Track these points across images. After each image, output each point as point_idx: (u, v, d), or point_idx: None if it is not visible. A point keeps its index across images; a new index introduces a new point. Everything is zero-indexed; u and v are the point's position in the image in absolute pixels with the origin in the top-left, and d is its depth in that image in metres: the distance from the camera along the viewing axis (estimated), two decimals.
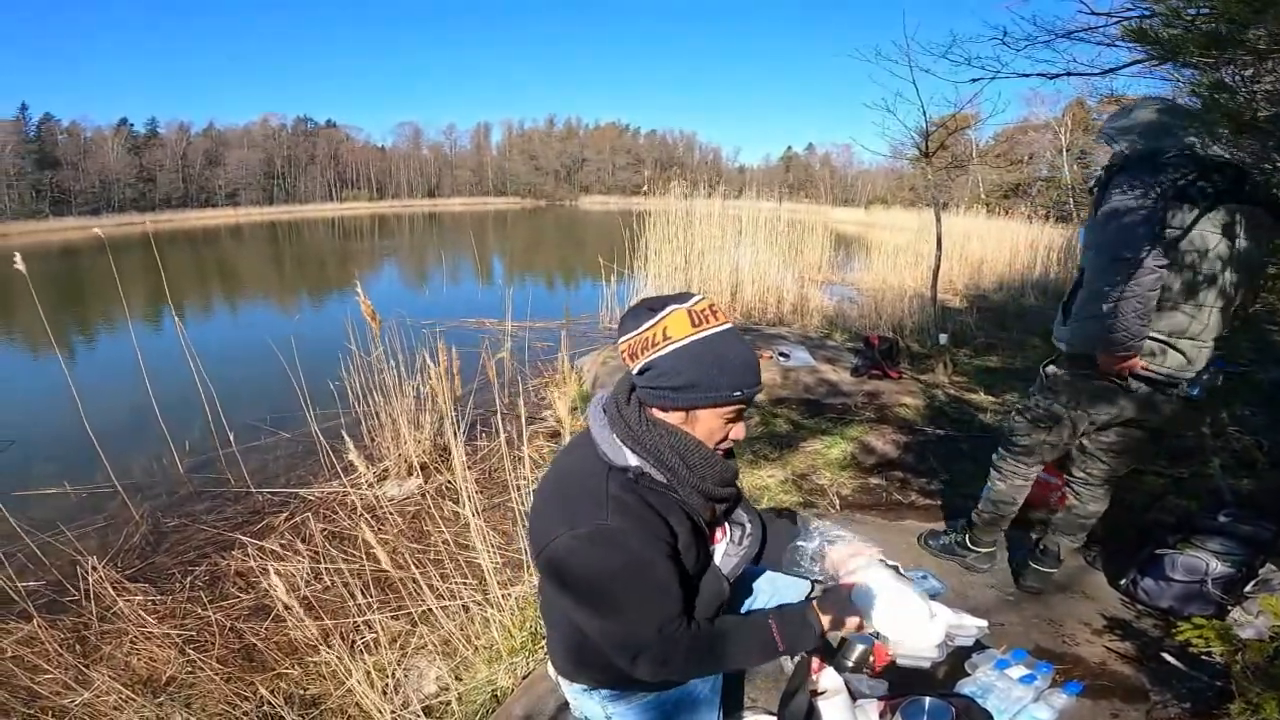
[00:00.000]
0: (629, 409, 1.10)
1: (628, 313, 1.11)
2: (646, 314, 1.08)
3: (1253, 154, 1.74)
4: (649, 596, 1.06)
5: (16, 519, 3.19)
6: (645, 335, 1.06)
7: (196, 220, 47.85)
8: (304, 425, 4.11)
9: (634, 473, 1.08)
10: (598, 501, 1.04)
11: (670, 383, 1.05)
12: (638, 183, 53.67)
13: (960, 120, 6.92)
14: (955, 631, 1.93)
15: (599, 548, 1.02)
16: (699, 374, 1.04)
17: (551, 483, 1.16)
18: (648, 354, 1.06)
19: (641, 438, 1.08)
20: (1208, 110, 1.60)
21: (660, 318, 1.06)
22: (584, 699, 1.33)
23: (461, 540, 2.68)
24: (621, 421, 1.10)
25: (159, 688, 2.45)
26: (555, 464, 1.23)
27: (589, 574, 1.04)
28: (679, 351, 1.04)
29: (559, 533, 1.04)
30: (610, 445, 1.10)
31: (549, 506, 1.12)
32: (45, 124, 57.95)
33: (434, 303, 10.35)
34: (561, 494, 1.12)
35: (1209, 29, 1.47)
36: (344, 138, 76.18)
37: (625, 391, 1.14)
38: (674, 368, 1.04)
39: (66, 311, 11.16)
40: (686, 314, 1.06)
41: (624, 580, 1.04)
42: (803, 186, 63.23)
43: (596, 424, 1.13)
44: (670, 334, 1.04)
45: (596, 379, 5.16)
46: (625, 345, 1.09)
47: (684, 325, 1.05)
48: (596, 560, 1.03)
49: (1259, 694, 1.39)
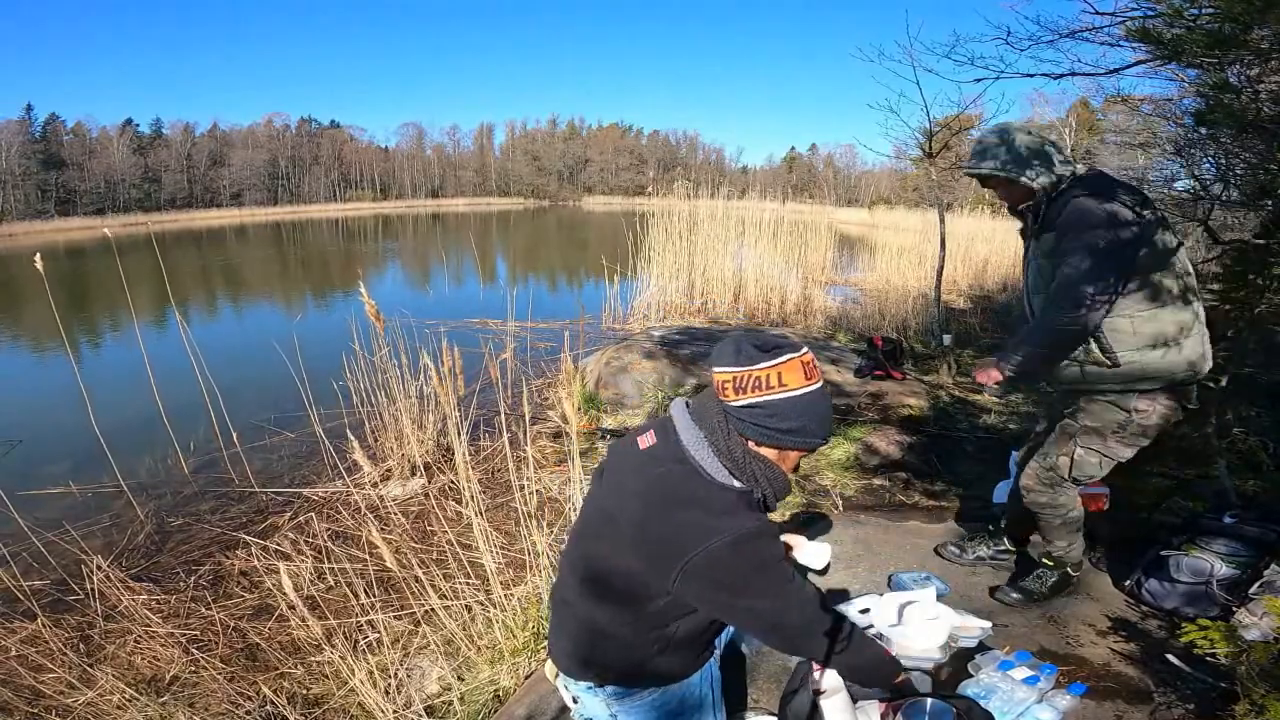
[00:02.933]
0: (731, 439, 1.20)
1: (730, 345, 1.20)
2: (757, 353, 1.16)
3: (1257, 154, 1.74)
4: (798, 581, 1.24)
5: (23, 518, 3.20)
6: (758, 375, 1.16)
7: (201, 220, 48.00)
8: (308, 425, 4.12)
9: (742, 491, 1.21)
10: (731, 511, 1.16)
11: (780, 425, 1.17)
12: (641, 183, 53.73)
13: (964, 120, 6.89)
14: (959, 633, 1.94)
15: (754, 544, 1.16)
16: (804, 422, 1.18)
17: (660, 497, 1.20)
18: (759, 394, 1.16)
19: (744, 467, 1.20)
20: (1211, 110, 1.60)
21: (776, 363, 1.16)
22: (589, 697, 1.35)
23: (464, 540, 2.69)
24: (727, 452, 1.20)
25: (162, 687, 2.45)
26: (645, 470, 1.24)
27: (754, 567, 1.16)
28: (794, 400, 1.16)
29: (710, 541, 1.13)
30: (716, 470, 1.20)
31: (673, 521, 1.17)
32: (50, 124, 58.28)
33: (437, 303, 10.36)
34: (683, 508, 1.18)
35: (1213, 29, 1.47)
36: (348, 138, 76.44)
37: (720, 419, 1.21)
38: (786, 412, 1.16)
39: (73, 311, 11.21)
40: (800, 365, 1.17)
41: (779, 568, 1.20)
42: (806, 187, 63.17)
43: (696, 447, 1.21)
44: (786, 381, 1.16)
45: (600, 379, 5.16)
46: (729, 377, 1.17)
47: (799, 376, 1.16)
48: (756, 555, 1.17)
49: (1264, 695, 1.38)
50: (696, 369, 5.14)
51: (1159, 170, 7.54)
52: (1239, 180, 2.97)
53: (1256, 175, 2.46)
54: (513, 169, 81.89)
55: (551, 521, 2.99)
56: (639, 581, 1.21)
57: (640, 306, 8.67)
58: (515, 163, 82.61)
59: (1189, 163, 3.68)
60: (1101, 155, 20.09)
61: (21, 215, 47.64)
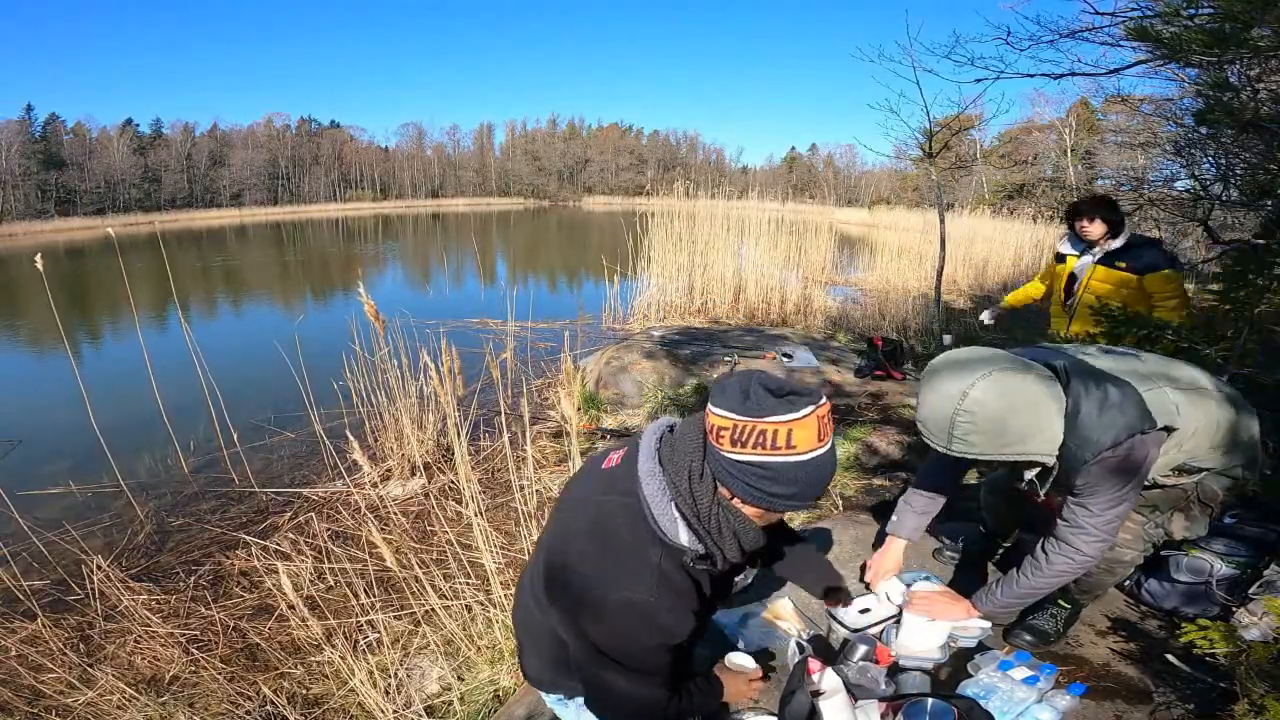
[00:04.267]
0: (700, 487, 1.04)
1: (737, 384, 1.02)
2: (769, 400, 0.98)
3: (1257, 153, 1.73)
4: (663, 662, 1.10)
5: (23, 518, 3.20)
6: (763, 430, 0.97)
7: (201, 220, 47.95)
8: (308, 425, 4.13)
9: (689, 554, 1.07)
10: (641, 573, 1.04)
11: (776, 490, 1.00)
12: (641, 183, 53.64)
13: (964, 120, 6.91)
14: (959, 633, 1.93)
15: (634, 619, 1.04)
16: (804, 488, 1.00)
17: (591, 522, 1.11)
18: (761, 452, 0.97)
19: (706, 520, 1.05)
20: (1210, 110, 1.60)
21: (788, 419, 0.96)
22: (560, 708, 1.36)
23: (464, 540, 2.69)
24: (690, 499, 1.04)
25: (162, 687, 2.45)
26: (592, 491, 1.16)
27: (619, 637, 1.06)
28: (800, 465, 0.98)
29: (599, 590, 1.05)
30: (666, 518, 1.05)
31: (588, 553, 1.09)
32: (50, 124, 58.25)
33: (438, 303, 10.37)
34: (604, 545, 1.08)
35: (1211, 28, 1.47)
36: (348, 138, 76.40)
37: (698, 462, 1.05)
38: (788, 478, 0.99)
39: (74, 311, 11.22)
40: (816, 423, 0.98)
41: (648, 648, 1.07)
42: (806, 187, 63.15)
43: (651, 486, 1.07)
44: (795, 443, 0.97)
45: (600, 379, 5.17)
46: (729, 424, 0.98)
47: (811, 437, 0.97)
48: (630, 629, 1.05)
49: (1263, 696, 1.38)
50: (696, 369, 5.14)
51: (1159, 170, 7.52)
52: (1239, 180, 2.97)
53: (1256, 175, 2.46)
54: (513, 169, 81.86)
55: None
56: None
57: (640, 306, 8.67)
58: (515, 163, 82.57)
59: (1189, 163, 3.68)
60: (1101, 155, 20.06)
61: (21, 215, 47.58)
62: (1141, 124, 6.61)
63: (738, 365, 5.12)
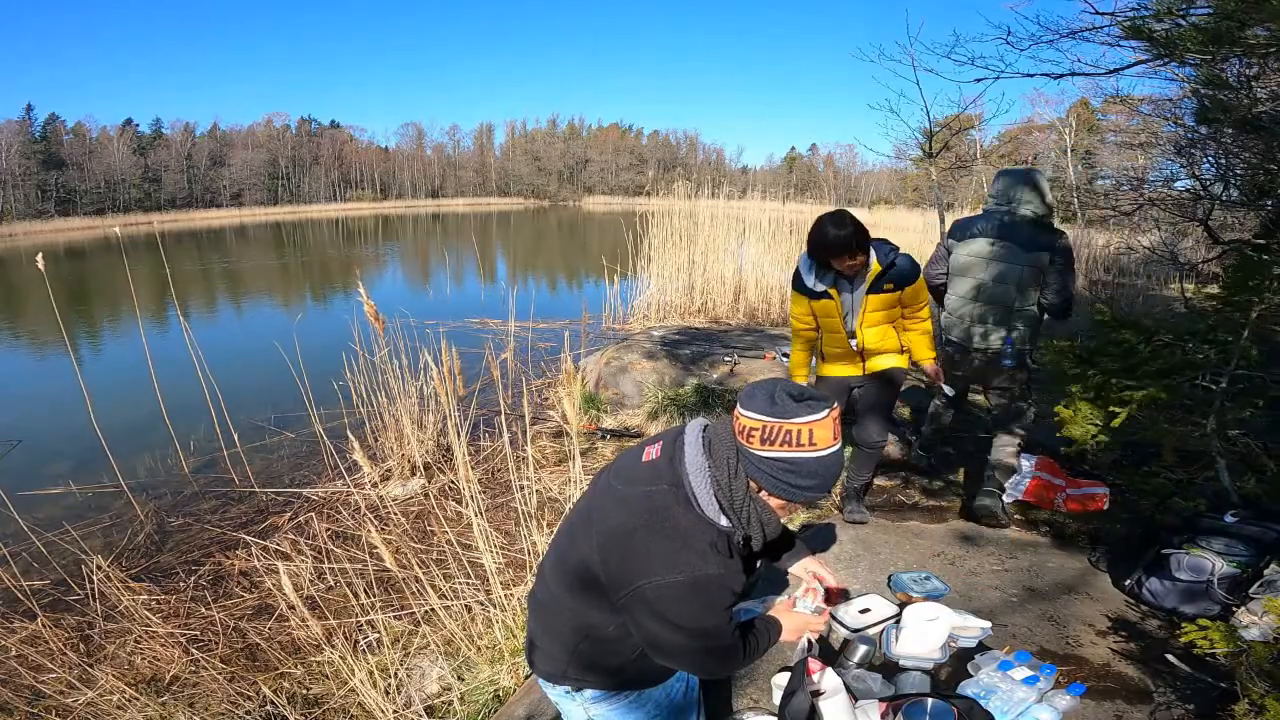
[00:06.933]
0: (736, 481, 1.19)
1: (763, 390, 1.16)
2: (792, 404, 1.13)
3: (1257, 153, 1.73)
4: (729, 620, 1.24)
5: (23, 518, 3.20)
6: (789, 429, 1.12)
7: (201, 220, 47.96)
8: (308, 425, 4.13)
9: (726, 532, 1.21)
10: (701, 551, 1.16)
11: (799, 482, 1.15)
12: (641, 183, 53.67)
13: (964, 120, 6.90)
14: (959, 633, 1.94)
15: (709, 593, 1.17)
16: (821, 481, 1.16)
17: (647, 513, 1.20)
18: (788, 449, 1.13)
19: (740, 510, 1.19)
20: (1208, 108, 1.60)
21: (811, 419, 1.12)
22: (566, 701, 1.36)
23: (464, 540, 2.69)
24: (728, 491, 1.19)
25: (162, 687, 2.46)
26: (639, 481, 1.25)
27: (700, 613, 1.18)
28: (821, 460, 1.14)
29: (664, 576, 1.14)
30: (710, 507, 1.19)
31: (653, 545, 1.17)
32: (51, 124, 58.24)
33: (438, 303, 10.37)
34: (665, 534, 1.18)
35: (1207, 26, 1.47)
36: (348, 138, 76.36)
37: (733, 458, 1.19)
38: (809, 471, 1.14)
39: (74, 311, 11.22)
40: (832, 424, 1.14)
41: (722, 612, 1.21)
42: (806, 187, 63.10)
43: (699, 478, 1.20)
44: (817, 440, 1.13)
45: (600, 379, 5.17)
46: (759, 425, 1.14)
47: (828, 437, 1.13)
48: (708, 603, 1.18)
49: (1263, 695, 1.38)
50: (697, 369, 5.14)
51: (1159, 170, 7.51)
52: (1239, 180, 2.97)
53: (1256, 175, 2.46)
54: (513, 169, 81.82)
55: (551, 521, 3.00)
56: (601, 585, 1.22)
57: (640, 307, 8.67)
58: (515, 163, 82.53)
59: (1189, 163, 3.68)
60: (1101, 155, 20.01)
61: (22, 215, 47.56)
62: (1141, 124, 6.60)
63: (738, 365, 5.12)
